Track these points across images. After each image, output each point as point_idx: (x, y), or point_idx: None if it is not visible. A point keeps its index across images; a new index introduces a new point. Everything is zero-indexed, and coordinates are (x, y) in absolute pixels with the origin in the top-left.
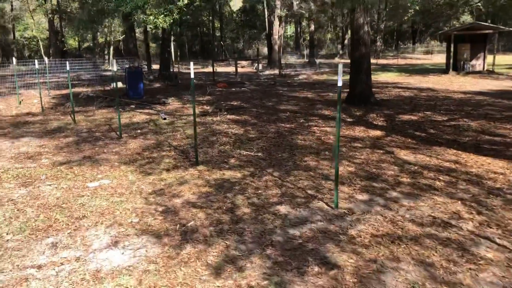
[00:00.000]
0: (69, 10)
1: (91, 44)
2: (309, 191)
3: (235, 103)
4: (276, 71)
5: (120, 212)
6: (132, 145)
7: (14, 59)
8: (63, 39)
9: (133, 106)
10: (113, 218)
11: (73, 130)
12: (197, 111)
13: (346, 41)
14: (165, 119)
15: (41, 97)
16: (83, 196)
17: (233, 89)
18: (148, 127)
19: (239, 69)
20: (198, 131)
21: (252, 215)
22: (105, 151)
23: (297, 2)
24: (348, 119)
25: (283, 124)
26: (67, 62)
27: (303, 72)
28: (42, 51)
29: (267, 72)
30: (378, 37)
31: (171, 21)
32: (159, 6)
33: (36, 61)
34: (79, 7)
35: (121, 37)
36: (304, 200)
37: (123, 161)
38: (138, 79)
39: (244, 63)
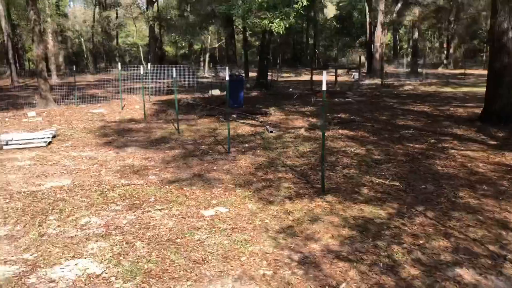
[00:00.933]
0: (169, 18)
1: (187, 51)
2: (490, 247)
3: (344, 116)
4: (377, 81)
5: (247, 258)
6: (242, 162)
7: (119, 64)
8: (161, 45)
9: (234, 116)
10: (240, 266)
11: (177, 141)
12: (302, 123)
13: (451, 50)
14: (271, 132)
15: (144, 104)
16: (199, 228)
17: (336, 99)
18: (255, 141)
19: (333, 78)
20: (310, 148)
21: (425, 281)
22: (215, 168)
23: (399, 8)
24: (490, 141)
25: (410, 144)
26: (174, 69)
27: (407, 83)
28: (142, 57)
29: (367, 82)
30: None
31: (287, 25)
32: (275, 9)
33: (141, 66)
34: (179, 14)
35: (217, 44)
36: (490, 262)
37: (237, 182)
38: (239, 88)
39: (339, 71)
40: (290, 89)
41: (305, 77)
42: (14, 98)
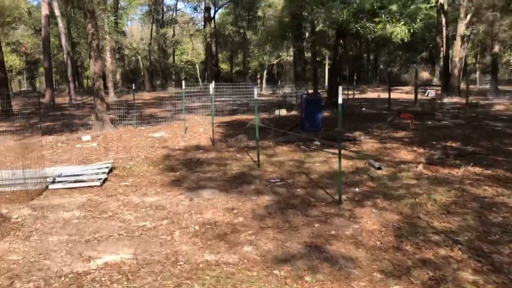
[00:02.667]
0: (227, 33)
1: (241, 68)
2: None
3: (455, 145)
4: (457, 99)
5: None
6: (368, 222)
7: (183, 82)
8: (217, 62)
9: (317, 142)
10: None
11: (261, 179)
12: (410, 155)
13: None
14: (380, 168)
15: (213, 129)
16: None
17: (429, 122)
18: (365, 182)
19: (402, 96)
20: (450, 197)
21: None
22: (333, 233)
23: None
24: None
25: None
26: (255, 88)
27: (495, 102)
28: (199, 74)
29: (446, 100)
30: None
31: (411, 30)
32: (401, 10)
33: (211, 84)
34: (236, 30)
35: (275, 61)
36: None
37: (384, 267)
38: (316, 109)
39: (405, 88)
40: (363, 109)
41: (370, 94)
42: (70, 118)
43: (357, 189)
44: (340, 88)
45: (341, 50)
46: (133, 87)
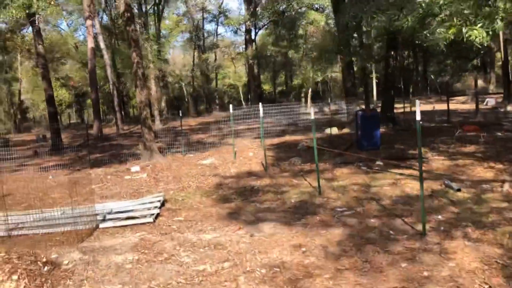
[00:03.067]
0: (268, 54)
1: (284, 88)
2: None
3: None
4: None
5: None
6: (464, 259)
7: (230, 106)
8: (260, 84)
9: (379, 162)
10: None
11: (326, 208)
12: (489, 172)
13: None
14: (459, 190)
15: (265, 153)
16: None
17: (498, 133)
18: (446, 207)
19: (457, 106)
20: None
21: None
22: (425, 274)
23: None
24: None
25: None
26: (312, 107)
27: None
28: (242, 96)
29: (510, 109)
30: None
31: (490, 33)
32: (476, 11)
33: (260, 104)
34: (279, 51)
35: (320, 78)
36: None
37: None
38: (374, 126)
39: (460, 98)
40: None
41: (423, 107)
42: (118, 148)
43: (440, 217)
44: (418, 102)
45: (393, 62)
46: (180, 114)
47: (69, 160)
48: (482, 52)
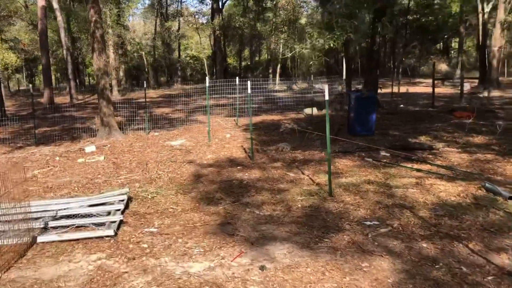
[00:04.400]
0: (237, 25)
1: (249, 63)
2: None
3: None
4: (499, 93)
5: None
6: None
7: (207, 78)
8: (225, 57)
9: (385, 153)
10: None
11: (349, 220)
12: None
13: None
14: (511, 198)
15: (252, 140)
16: None
17: (499, 122)
18: (506, 221)
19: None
20: None
21: None
22: None
23: None
24: None
25: None
26: (325, 85)
27: None
28: (207, 70)
29: (487, 94)
30: None
31: None
32: None
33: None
34: (248, 22)
35: (290, 54)
36: None
37: None
38: (370, 109)
39: (429, 81)
40: (401, 105)
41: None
42: (71, 121)
43: (508, 242)
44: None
45: (379, 39)
46: (145, 84)
47: (11, 134)
48: (446, 36)
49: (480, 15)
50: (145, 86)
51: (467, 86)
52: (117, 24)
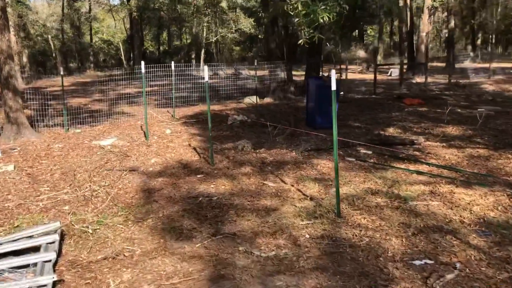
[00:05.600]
0: (156, 7)
1: (167, 48)
2: None
3: None
4: (429, 79)
5: None
6: None
7: (142, 63)
8: (143, 42)
9: (367, 151)
10: None
11: (386, 258)
12: None
13: (478, 42)
14: None
15: (210, 138)
16: None
17: (458, 110)
18: None
19: (358, 76)
20: None
21: None
22: None
23: None
24: None
25: None
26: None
27: (476, 80)
28: (123, 55)
29: (419, 80)
30: None
31: None
32: None
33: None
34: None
35: (214, 38)
36: None
37: None
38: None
39: (355, 67)
40: (341, 93)
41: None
42: None
43: None
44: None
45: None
46: (61, 71)
47: None
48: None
49: (408, 0)
50: (61, 72)
51: (396, 72)
52: (17, 3)
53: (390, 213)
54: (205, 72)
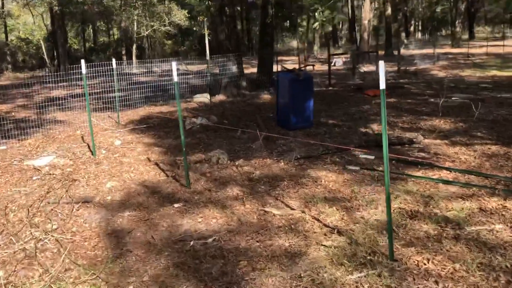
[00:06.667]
0: (80, 0)
1: (92, 44)
2: None
3: None
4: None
5: None
6: None
7: (82, 62)
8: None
9: (368, 156)
10: None
11: None
12: None
13: (411, 29)
14: None
15: (184, 152)
16: None
17: (432, 99)
18: None
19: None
20: None
21: None
22: None
23: None
24: None
25: None
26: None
27: (422, 67)
28: (45, 53)
29: (367, 69)
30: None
31: None
32: None
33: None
34: None
35: (146, 32)
36: None
37: None
38: (307, 95)
39: (293, 58)
40: None
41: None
42: None
43: None
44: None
45: (272, 10)
46: None
47: None
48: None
49: None
50: None
51: (339, 62)
52: None
53: (454, 247)
54: (173, 69)
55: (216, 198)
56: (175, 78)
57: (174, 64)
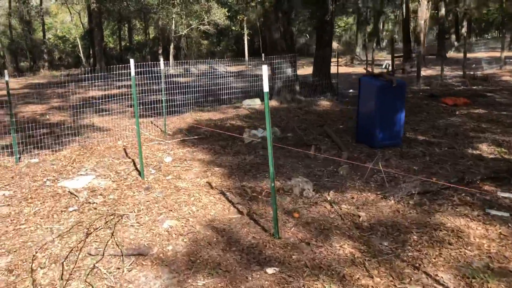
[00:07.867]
0: None
1: (128, 44)
2: None
3: None
4: (429, 71)
5: None
6: None
7: (131, 61)
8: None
9: (505, 194)
10: None
11: None
12: None
13: (463, 31)
14: None
15: (273, 187)
16: None
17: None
18: None
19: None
20: None
21: None
22: None
23: None
24: None
25: None
26: None
27: (489, 72)
28: (81, 52)
29: (425, 73)
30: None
31: None
32: None
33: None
34: None
35: (184, 31)
36: None
37: None
38: (398, 105)
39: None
40: (351, 90)
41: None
42: None
43: None
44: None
45: (332, 6)
46: (6, 76)
47: None
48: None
49: None
50: (6, 76)
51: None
52: None
53: None
54: (264, 72)
55: (324, 261)
56: (266, 86)
57: (265, 68)
